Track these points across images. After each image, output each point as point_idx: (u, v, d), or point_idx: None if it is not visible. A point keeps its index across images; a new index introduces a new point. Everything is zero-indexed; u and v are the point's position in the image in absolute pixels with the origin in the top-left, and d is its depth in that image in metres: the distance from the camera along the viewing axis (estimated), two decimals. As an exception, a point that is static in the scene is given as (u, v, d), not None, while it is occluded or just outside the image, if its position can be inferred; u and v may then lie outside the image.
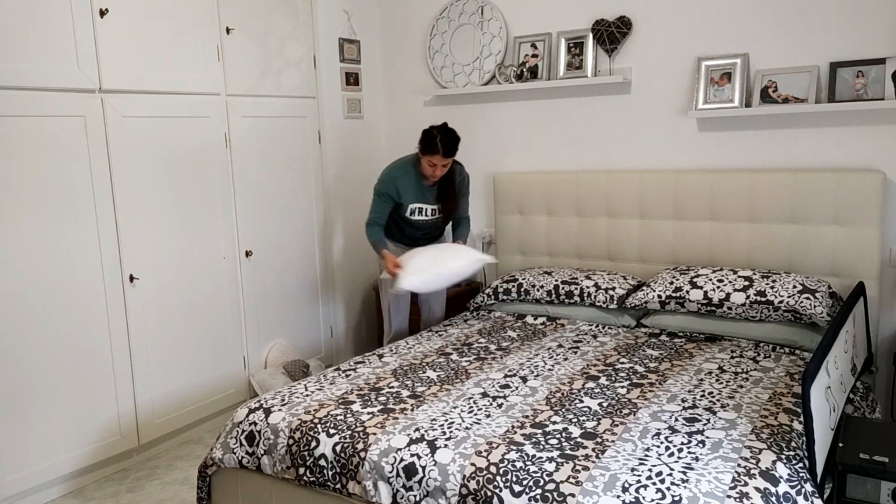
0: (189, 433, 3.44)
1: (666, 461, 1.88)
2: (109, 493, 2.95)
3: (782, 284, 2.92)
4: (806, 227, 3.12)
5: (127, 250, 3.08)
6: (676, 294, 3.06)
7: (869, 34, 3.00)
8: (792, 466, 1.87)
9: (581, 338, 3.06)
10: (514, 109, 3.97)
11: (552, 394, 2.40)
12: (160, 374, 3.26)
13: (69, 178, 2.86)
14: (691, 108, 3.43)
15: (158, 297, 3.23)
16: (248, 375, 3.69)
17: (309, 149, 3.98)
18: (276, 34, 3.72)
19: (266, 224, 3.74)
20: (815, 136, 3.17)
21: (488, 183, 4.12)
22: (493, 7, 3.92)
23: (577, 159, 3.81)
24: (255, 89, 3.63)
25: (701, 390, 2.38)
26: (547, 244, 3.81)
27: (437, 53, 4.13)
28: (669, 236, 3.44)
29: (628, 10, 3.54)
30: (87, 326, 2.95)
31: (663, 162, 3.55)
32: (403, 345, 3.04)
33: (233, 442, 2.36)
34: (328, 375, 2.66)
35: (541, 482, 1.82)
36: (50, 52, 2.76)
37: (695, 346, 2.90)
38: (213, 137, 3.43)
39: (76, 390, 2.93)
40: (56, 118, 2.80)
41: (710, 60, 3.32)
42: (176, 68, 3.23)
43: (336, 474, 2.12)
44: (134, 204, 3.10)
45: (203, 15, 3.34)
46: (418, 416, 2.22)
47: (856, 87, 3.01)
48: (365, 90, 4.31)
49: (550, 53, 3.78)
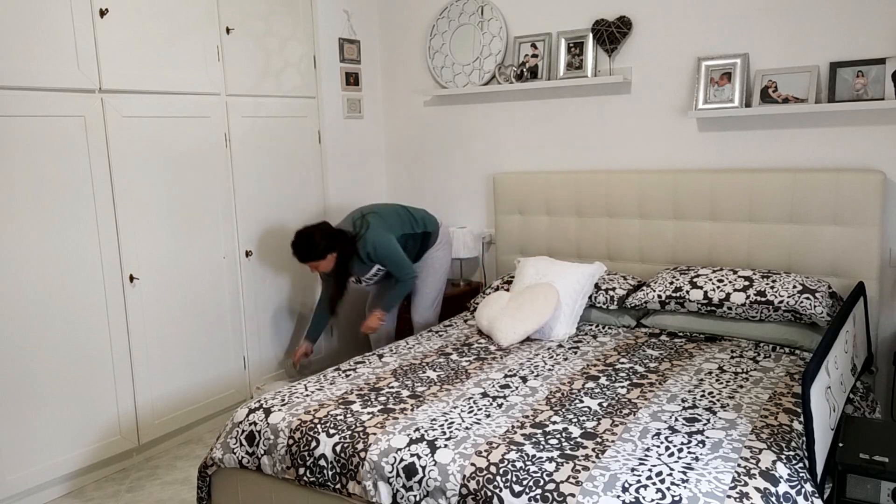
0: (189, 433, 3.44)
1: (666, 461, 1.88)
2: (109, 493, 2.95)
3: (782, 284, 2.92)
4: (806, 227, 3.12)
5: (127, 250, 3.08)
6: (676, 294, 3.06)
7: (869, 34, 3.00)
8: (792, 466, 1.87)
9: (581, 338, 3.06)
10: (514, 109, 3.97)
11: (552, 394, 2.40)
12: (160, 374, 3.26)
13: (69, 178, 2.86)
14: (691, 108, 3.43)
15: (158, 297, 3.23)
16: (248, 378, 3.70)
17: (309, 149, 3.98)
18: (276, 34, 3.72)
19: (266, 224, 3.74)
20: (815, 136, 3.17)
21: (488, 183, 4.12)
22: (493, 7, 3.92)
23: (577, 159, 3.81)
24: (255, 89, 3.63)
25: (701, 390, 2.38)
26: (547, 244, 3.81)
27: (437, 53, 4.13)
28: (669, 236, 3.44)
29: (628, 10, 3.54)
30: (87, 326, 2.95)
31: (663, 162, 3.55)
32: (403, 345, 3.04)
33: (233, 442, 2.36)
34: (328, 375, 2.66)
35: (541, 482, 1.82)
36: (50, 52, 2.76)
37: (695, 346, 2.90)
38: (213, 137, 3.43)
39: (76, 390, 2.93)
40: (56, 118, 2.80)
41: (710, 60, 3.32)
42: (176, 68, 3.23)
43: (336, 474, 2.12)
44: (134, 204, 3.10)
45: (203, 15, 3.34)
46: (418, 416, 2.22)
47: (856, 87, 3.01)
48: (365, 90, 4.32)
49: (550, 53, 3.78)
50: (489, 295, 3.39)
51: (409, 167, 4.42)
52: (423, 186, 4.37)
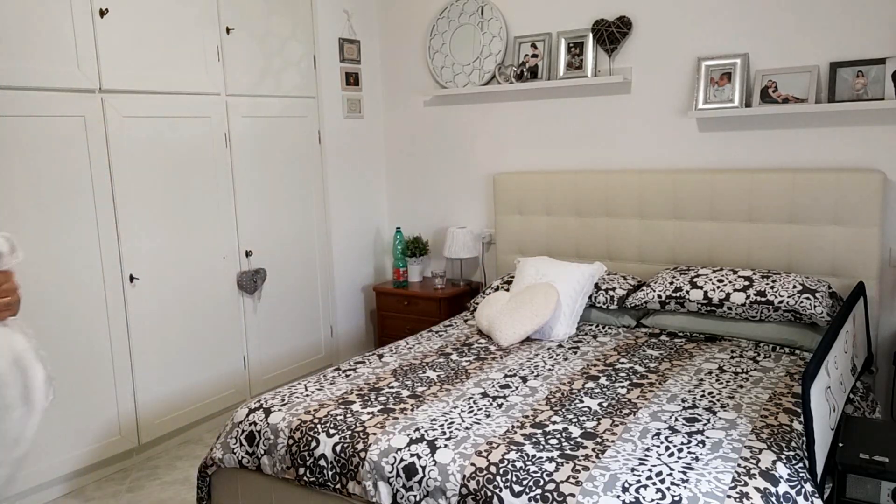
0: (189, 433, 3.44)
1: (666, 461, 1.88)
2: (109, 493, 2.95)
3: (782, 284, 2.92)
4: (806, 228, 3.12)
5: (127, 250, 3.08)
6: (676, 294, 3.06)
7: (869, 34, 3.00)
8: (792, 466, 1.88)
9: (581, 338, 3.06)
10: (514, 109, 3.97)
11: (552, 394, 2.40)
12: (160, 374, 3.26)
13: (69, 178, 2.86)
14: (691, 108, 3.43)
15: (158, 297, 3.23)
16: (248, 378, 3.70)
17: (309, 149, 3.98)
18: (276, 34, 3.72)
19: (266, 224, 3.74)
20: (815, 136, 3.17)
21: (488, 183, 4.12)
22: (493, 7, 3.92)
23: (576, 159, 3.81)
24: (255, 89, 3.63)
25: (701, 390, 2.38)
26: (547, 244, 3.81)
27: (437, 53, 4.13)
28: (669, 236, 3.44)
29: (628, 10, 3.54)
30: (87, 326, 2.95)
31: (663, 162, 3.55)
32: (403, 345, 3.04)
33: (233, 442, 2.36)
34: (328, 375, 2.66)
35: (541, 482, 1.82)
36: (50, 52, 2.76)
37: (695, 346, 2.90)
38: (213, 137, 3.43)
39: (76, 390, 2.93)
40: (56, 118, 2.80)
41: (710, 60, 3.32)
42: (176, 68, 3.23)
43: (336, 474, 2.12)
44: (134, 204, 3.10)
45: (203, 15, 3.34)
46: (418, 416, 2.22)
47: (856, 87, 3.01)
48: (365, 90, 4.32)
49: (550, 53, 3.78)
50: (489, 295, 3.39)
51: (409, 167, 4.42)
52: (423, 186, 4.37)
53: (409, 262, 4.26)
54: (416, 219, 4.44)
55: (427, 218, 4.40)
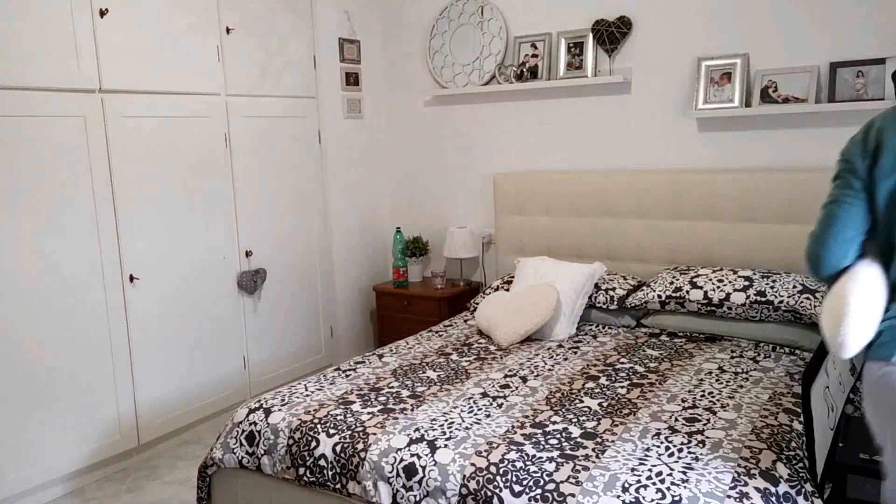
0: (189, 433, 3.44)
1: (666, 461, 1.88)
2: (109, 493, 2.94)
3: (782, 284, 2.92)
4: (806, 228, 3.11)
5: (127, 250, 3.08)
6: (676, 294, 3.05)
7: (869, 34, 3.00)
8: (792, 466, 1.88)
9: (581, 338, 3.06)
10: (514, 109, 3.96)
11: (552, 394, 2.40)
12: (160, 374, 3.26)
13: (69, 178, 2.86)
14: (691, 108, 3.43)
15: (158, 297, 3.23)
16: (248, 378, 3.70)
17: (309, 149, 3.98)
18: (276, 34, 3.72)
19: (266, 224, 3.74)
20: (815, 136, 3.17)
21: (488, 183, 4.12)
22: (493, 7, 3.92)
23: (576, 159, 3.81)
24: (255, 89, 3.63)
25: (701, 390, 2.38)
26: (546, 244, 3.81)
27: (438, 53, 4.13)
28: (669, 236, 3.44)
29: (628, 10, 3.54)
30: (87, 326, 2.95)
31: (663, 162, 3.55)
32: (403, 345, 3.04)
33: (233, 442, 2.36)
34: (328, 375, 2.66)
35: (541, 482, 1.82)
36: (50, 52, 2.76)
37: (695, 346, 2.90)
38: (213, 137, 3.43)
39: (76, 390, 2.93)
40: (56, 118, 2.80)
41: (710, 60, 3.32)
42: (176, 68, 3.23)
43: (336, 474, 2.12)
44: (134, 204, 3.10)
45: (203, 15, 3.33)
46: (418, 416, 2.22)
47: (856, 87, 3.01)
48: (365, 90, 4.31)
49: (550, 53, 3.78)
50: (489, 295, 3.39)
51: (409, 167, 4.42)
52: (423, 186, 4.37)
53: (409, 262, 4.26)
54: (416, 219, 4.44)
55: (427, 218, 4.40)
